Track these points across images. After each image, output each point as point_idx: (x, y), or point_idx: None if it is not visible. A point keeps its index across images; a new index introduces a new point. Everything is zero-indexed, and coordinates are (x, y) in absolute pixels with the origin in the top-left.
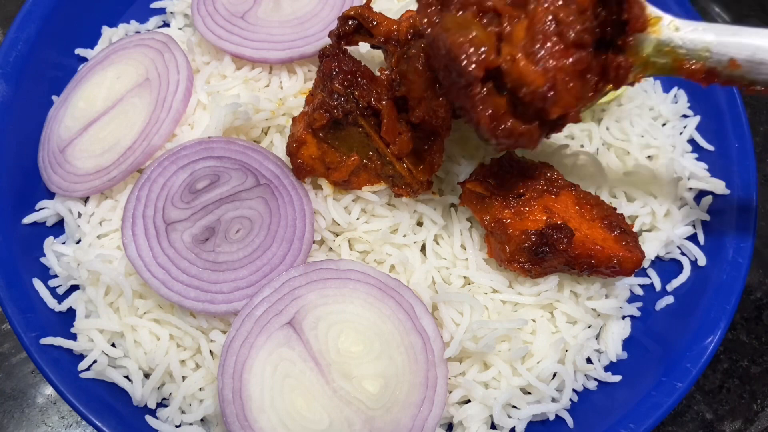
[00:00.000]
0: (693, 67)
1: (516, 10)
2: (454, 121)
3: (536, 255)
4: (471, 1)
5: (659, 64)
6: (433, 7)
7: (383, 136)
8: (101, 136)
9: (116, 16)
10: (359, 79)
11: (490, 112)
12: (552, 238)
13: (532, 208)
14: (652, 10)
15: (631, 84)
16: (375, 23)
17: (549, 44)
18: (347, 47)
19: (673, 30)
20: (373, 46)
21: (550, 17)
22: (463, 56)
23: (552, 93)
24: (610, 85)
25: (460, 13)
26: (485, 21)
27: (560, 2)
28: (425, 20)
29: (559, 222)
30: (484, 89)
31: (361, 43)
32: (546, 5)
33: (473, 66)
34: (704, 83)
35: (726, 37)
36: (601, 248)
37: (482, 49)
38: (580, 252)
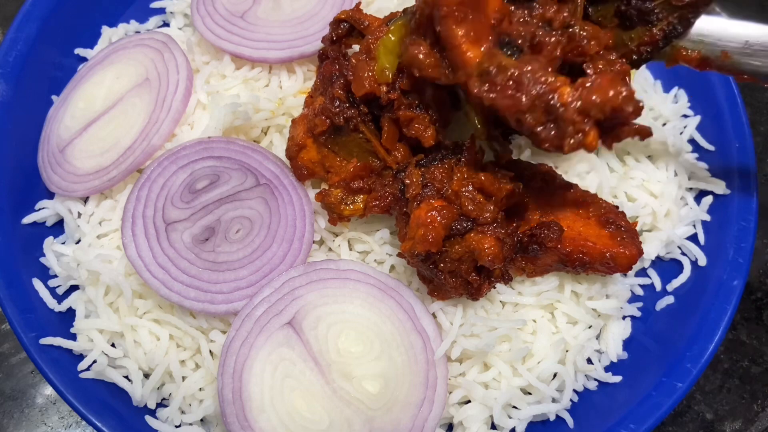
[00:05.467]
0: (689, 55)
1: None
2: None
3: (527, 253)
4: None
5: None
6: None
7: (383, 143)
8: (101, 136)
9: (116, 16)
10: None
11: None
12: (540, 237)
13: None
14: None
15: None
16: (366, 24)
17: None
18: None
19: None
20: None
21: None
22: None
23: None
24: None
25: None
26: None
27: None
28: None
29: (550, 220)
30: None
31: (355, 46)
32: None
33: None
34: (699, 69)
35: (719, 30)
36: (593, 245)
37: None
38: (572, 249)
